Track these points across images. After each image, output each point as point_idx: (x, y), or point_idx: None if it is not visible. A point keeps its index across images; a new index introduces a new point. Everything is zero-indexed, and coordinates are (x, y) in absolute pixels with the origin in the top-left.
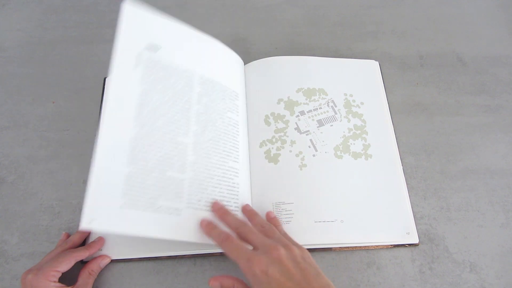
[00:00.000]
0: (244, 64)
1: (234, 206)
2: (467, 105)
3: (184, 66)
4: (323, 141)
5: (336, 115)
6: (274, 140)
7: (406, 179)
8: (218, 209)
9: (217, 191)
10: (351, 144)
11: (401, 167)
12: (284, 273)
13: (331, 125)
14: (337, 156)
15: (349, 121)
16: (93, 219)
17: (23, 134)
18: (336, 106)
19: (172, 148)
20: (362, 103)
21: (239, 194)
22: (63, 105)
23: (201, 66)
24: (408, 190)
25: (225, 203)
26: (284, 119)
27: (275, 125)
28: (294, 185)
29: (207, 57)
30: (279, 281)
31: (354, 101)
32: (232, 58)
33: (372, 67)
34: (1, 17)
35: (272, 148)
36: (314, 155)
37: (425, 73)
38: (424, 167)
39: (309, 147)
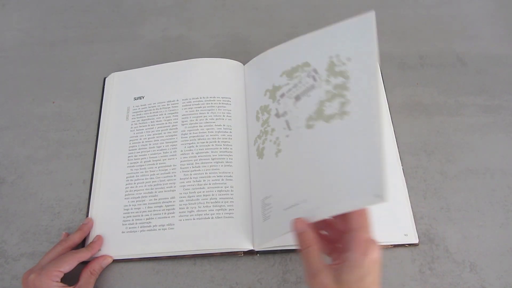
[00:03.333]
0: (244, 64)
1: (228, 209)
2: (467, 105)
3: (168, 98)
4: (297, 117)
5: (315, 83)
6: (261, 134)
7: (406, 179)
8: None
9: (209, 198)
10: (326, 108)
11: (401, 167)
12: (378, 275)
13: (309, 96)
14: (308, 126)
15: (328, 83)
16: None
17: (23, 134)
18: (317, 73)
19: (162, 172)
20: (349, 59)
21: (234, 197)
22: (63, 105)
23: (183, 91)
24: (408, 190)
25: (218, 207)
26: (267, 109)
27: (262, 118)
28: (273, 177)
29: (189, 81)
30: (375, 280)
31: (339, 60)
32: (222, 66)
33: (366, 22)
34: (1, 17)
35: (260, 142)
36: (287, 136)
37: (425, 73)
38: (424, 167)
39: (284, 128)
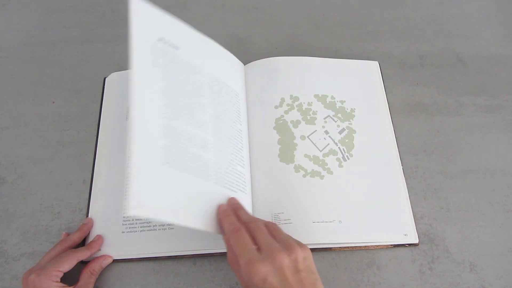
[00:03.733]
0: (244, 65)
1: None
2: (467, 105)
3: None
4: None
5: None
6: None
7: (406, 179)
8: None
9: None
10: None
11: (401, 167)
12: (282, 284)
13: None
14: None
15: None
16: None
17: (23, 134)
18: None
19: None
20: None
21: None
22: (63, 105)
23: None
24: (408, 190)
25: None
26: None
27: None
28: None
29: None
30: None
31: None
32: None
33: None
34: (1, 17)
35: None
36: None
37: (425, 73)
38: (424, 167)
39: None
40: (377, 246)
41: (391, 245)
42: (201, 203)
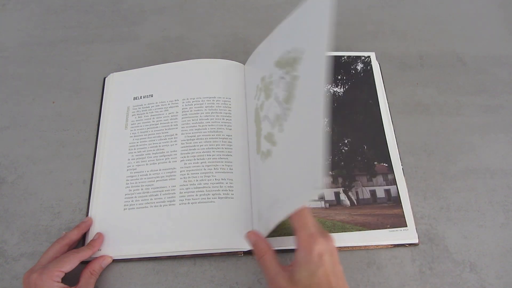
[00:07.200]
0: (244, 64)
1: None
2: (467, 105)
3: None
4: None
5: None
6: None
7: (406, 179)
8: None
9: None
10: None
11: (401, 167)
12: (332, 266)
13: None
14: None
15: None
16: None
17: (23, 134)
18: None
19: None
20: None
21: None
22: (63, 105)
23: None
24: (408, 190)
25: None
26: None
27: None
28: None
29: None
30: (326, 272)
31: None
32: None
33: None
34: (1, 17)
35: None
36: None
37: (425, 73)
38: (424, 167)
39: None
40: (377, 246)
41: (391, 245)
42: (167, 227)
